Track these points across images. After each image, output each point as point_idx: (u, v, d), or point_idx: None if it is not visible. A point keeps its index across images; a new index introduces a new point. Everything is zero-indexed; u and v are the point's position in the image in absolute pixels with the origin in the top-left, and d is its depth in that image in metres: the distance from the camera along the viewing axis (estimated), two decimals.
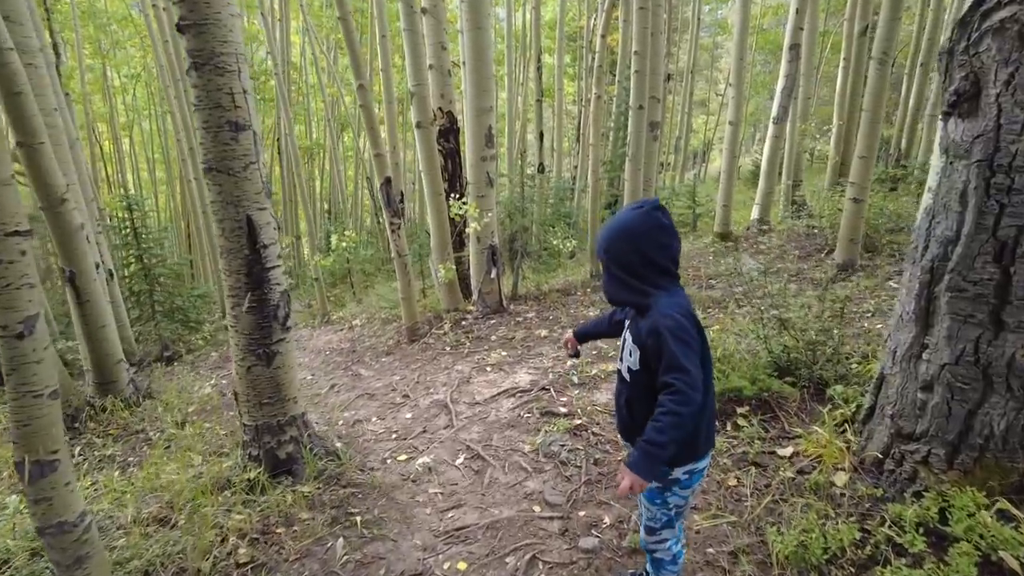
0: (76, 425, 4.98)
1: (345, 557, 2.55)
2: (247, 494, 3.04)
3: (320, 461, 3.32)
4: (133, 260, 9.80)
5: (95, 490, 3.50)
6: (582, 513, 2.74)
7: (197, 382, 6.60)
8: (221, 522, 2.79)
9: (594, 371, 4.32)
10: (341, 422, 4.40)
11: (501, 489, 3.07)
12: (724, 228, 8.96)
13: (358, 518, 2.83)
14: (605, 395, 3.95)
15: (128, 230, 9.64)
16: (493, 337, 5.85)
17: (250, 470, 3.16)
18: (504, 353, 5.22)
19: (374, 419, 4.35)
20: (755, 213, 9.53)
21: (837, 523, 2.17)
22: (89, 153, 19.61)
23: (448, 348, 5.80)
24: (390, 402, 4.66)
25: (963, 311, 2.11)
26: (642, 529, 1.95)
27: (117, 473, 3.83)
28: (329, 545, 2.65)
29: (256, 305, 3.08)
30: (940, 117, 2.15)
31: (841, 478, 2.45)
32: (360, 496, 3.09)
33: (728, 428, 3.16)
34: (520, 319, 6.35)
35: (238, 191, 2.99)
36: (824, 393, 3.19)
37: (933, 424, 2.24)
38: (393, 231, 6.02)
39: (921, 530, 2.05)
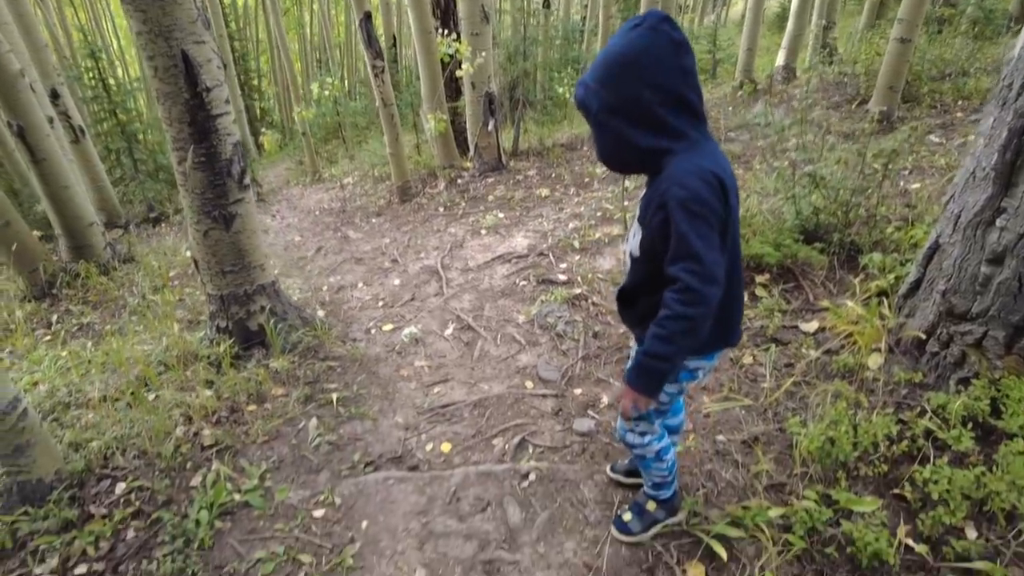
0: (53, 291, 4.75)
1: (318, 439, 2.34)
2: (216, 369, 2.81)
3: (296, 332, 3.05)
4: (106, 115, 9.10)
5: (67, 361, 3.32)
6: (578, 391, 2.49)
7: (183, 242, 6.30)
8: (187, 400, 2.57)
9: (597, 235, 3.94)
10: (326, 288, 4.11)
11: (492, 363, 2.82)
12: (747, 75, 8.10)
13: (335, 395, 2.60)
14: (608, 261, 3.59)
15: (96, 81, 8.84)
16: (490, 197, 5.41)
17: (219, 343, 2.91)
18: (501, 215, 4.82)
19: (360, 285, 4.06)
20: (781, 59, 8.56)
21: (870, 414, 1.89)
22: None
23: (442, 209, 5.39)
24: (378, 267, 4.34)
25: None
26: (620, 415, 1.57)
27: (91, 344, 3.63)
28: (301, 426, 2.44)
29: (205, 160, 2.64)
30: None
31: (875, 360, 2.15)
32: (339, 370, 2.85)
33: (745, 299, 2.83)
34: (520, 177, 5.86)
35: (167, 19, 2.43)
36: (857, 261, 2.82)
37: (996, 302, 1.89)
38: (376, 75, 5.35)
39: (969, 424, 1.77)
